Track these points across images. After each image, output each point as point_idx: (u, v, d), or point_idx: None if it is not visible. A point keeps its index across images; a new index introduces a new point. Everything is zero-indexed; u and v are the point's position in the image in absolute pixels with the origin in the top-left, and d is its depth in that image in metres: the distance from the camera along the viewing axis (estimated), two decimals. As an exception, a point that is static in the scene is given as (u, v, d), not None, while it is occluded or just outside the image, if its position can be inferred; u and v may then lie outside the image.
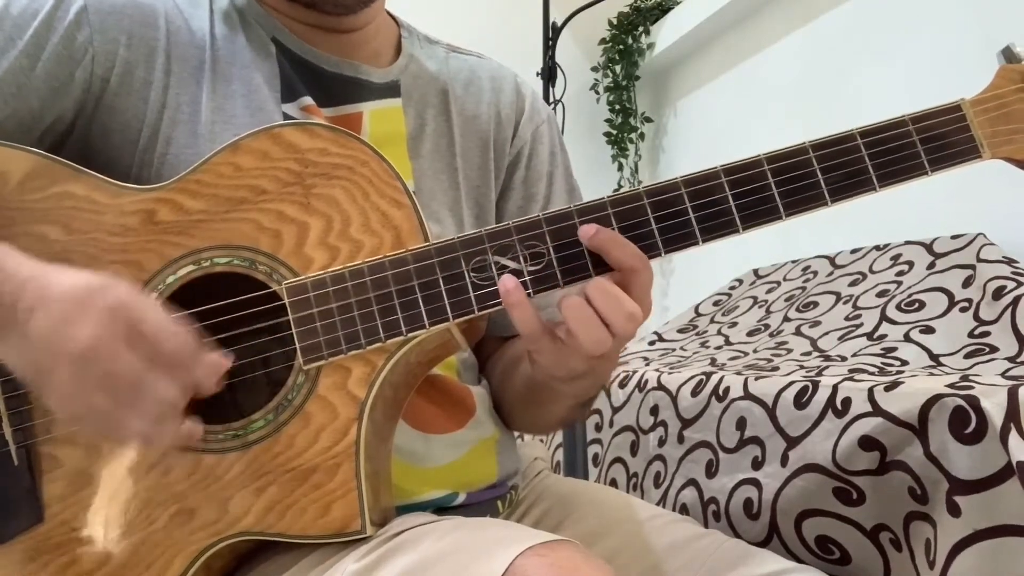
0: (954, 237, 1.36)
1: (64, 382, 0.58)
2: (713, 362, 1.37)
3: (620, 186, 2.70)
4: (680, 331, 1.75)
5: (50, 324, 0.57)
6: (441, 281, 0.64)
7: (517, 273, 0.64)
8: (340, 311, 0.64)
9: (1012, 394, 0.71)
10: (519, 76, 0.94)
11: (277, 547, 0.66)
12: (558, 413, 0.82)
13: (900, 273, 1.39)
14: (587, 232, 0.64)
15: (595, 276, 0.64)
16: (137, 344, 0.57)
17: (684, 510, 1.07)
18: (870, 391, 0.83)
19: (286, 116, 0.76)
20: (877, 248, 1.53)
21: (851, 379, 0.90)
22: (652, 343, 1.73)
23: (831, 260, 1.62)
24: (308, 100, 0.77)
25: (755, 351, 1.41)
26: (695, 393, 1.11)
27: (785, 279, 1.70)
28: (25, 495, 0.65)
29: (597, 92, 2.76)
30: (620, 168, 2.74)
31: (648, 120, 2.78)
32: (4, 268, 0.60)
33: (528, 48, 2.33)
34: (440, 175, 0.83)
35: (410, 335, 0.64)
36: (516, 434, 0.89)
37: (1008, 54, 0.68)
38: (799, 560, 0.86)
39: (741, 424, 1.01)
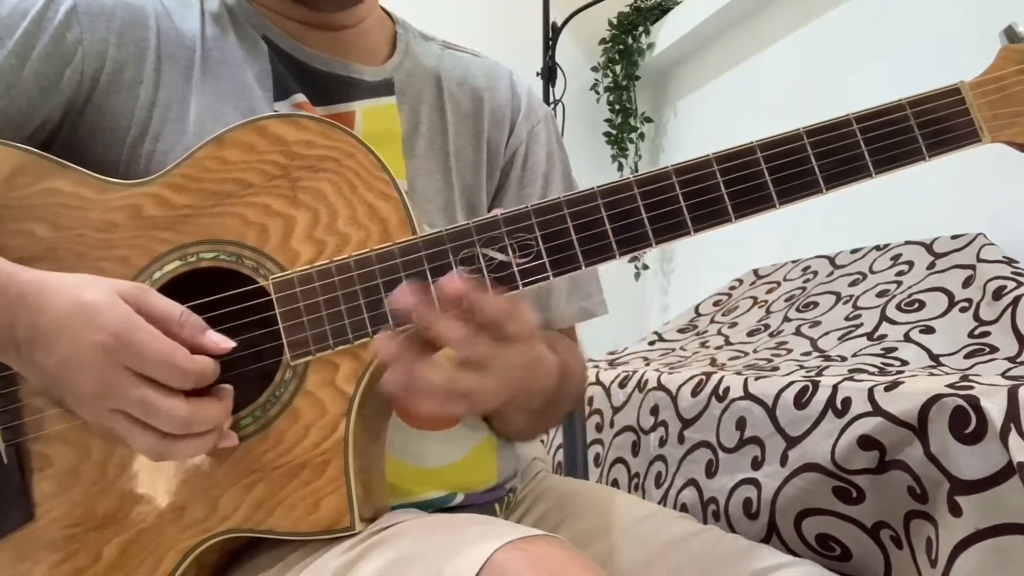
0: (954, 237, 1.36)
1: (84, 403, 0.59)
2: (713, 362, 1.36)
3: (619, 186, 2.69)
4: (680, 331, 1.75)
5: (52, 363, 0.58)
6: (429, 274, 0.63)
7: (505, 265, 0.63)
8: (327, 305, 0.64)
9: (1012, 394, 0.70)
10: (515, 74, 0.93)
11: (268, 543, 0.66)
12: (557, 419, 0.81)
13: (900, 273, 1.39)
14: (449, 288, 0.58)
15: (585, 268, 0.62)
16: (143, 369, 0.58)
17: (684, 510, 1.07)
18: (870, 391, 0.83)
19: None
20: (877, 248, 1.53)
21: (851, 379, 0.89)
22: (652, 343, 1.73)
23: (831, 260, 1.61)
24: (301, 97, 0.77)
25: (755, 351, 1.40)
26: (695, 393, 1.11)
27: (785, 279, 1.69)
28: (16, 493, 0.64)
29: (597, 92, 2.75)
30: (620, 168, 2.73)
31: (648, 120, 2.77)
32: None
33: (528, 48, 2.32)
34: (434, 174, 0.82)
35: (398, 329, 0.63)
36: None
37: (1011, 33, 0.65)
38: (799, 557, 0.85)
39: (741, 424, 1.00)
